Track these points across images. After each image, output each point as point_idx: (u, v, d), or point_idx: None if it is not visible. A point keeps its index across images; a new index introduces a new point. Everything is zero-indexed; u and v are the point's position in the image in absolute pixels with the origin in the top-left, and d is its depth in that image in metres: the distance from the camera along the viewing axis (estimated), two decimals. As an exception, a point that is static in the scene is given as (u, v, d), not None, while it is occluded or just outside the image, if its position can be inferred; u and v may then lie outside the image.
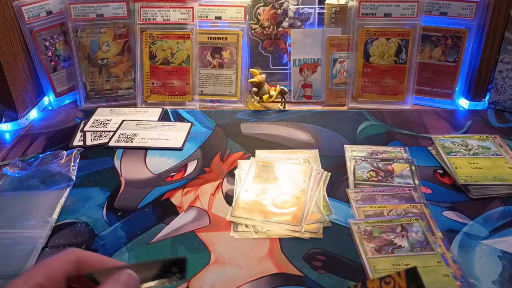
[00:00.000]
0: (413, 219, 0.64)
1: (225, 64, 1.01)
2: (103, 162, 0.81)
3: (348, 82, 1.00)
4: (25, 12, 0.95)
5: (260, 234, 0.64)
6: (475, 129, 0.90)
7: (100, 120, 0.95)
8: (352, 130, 0.90)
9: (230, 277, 0.57)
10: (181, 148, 0.85)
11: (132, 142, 0.87)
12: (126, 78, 1.04)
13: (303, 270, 0.58)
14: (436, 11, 0.96)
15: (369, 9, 0.96)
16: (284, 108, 0.99)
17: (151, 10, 0.99)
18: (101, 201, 0.71)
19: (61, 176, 0.76)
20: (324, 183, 0.73)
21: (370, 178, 0.75)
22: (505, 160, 0.77)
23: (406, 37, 0.96)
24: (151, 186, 0.75)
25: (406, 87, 0.99)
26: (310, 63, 1.01)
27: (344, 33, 0.99)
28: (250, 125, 0.92)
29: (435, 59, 0.98)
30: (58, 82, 1.04)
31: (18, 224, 0.65)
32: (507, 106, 0.96)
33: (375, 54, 0.98)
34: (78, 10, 0.98)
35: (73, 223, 0.67)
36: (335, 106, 1.01)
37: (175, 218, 0.67)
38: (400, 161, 0.78)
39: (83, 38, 1.00)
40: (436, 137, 0.85)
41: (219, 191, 0.73)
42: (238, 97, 1.01)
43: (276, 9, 1.02)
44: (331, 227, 0.65)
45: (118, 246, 0.62)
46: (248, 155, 0.82)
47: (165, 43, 1.00)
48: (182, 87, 1.01)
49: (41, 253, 0.61)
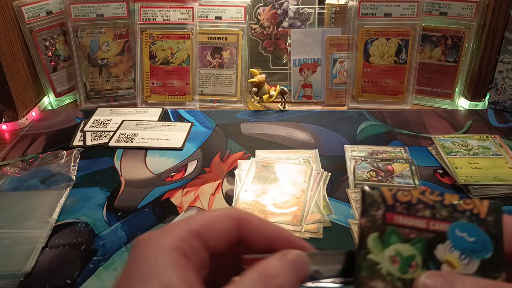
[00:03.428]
0: (413, 219, 0.64)
1: (225, 64, 1.01)
2: (103, 162, 0.81)
3: (348, 82, 1.00)
4: (25, 12, 0.95)
5: (260, 234, 0.63)
6: (475, 129, 0.90)
7: (100, 120, 0.95)
8: (352, 130, 0.90)
9: (230, 277, 0.57)
10: (181, 148, 0.85)
11: (132, 142, 0.87)
12: (126, 78, 1.04)
13: (303, 270, 0.58)
14: (436, 11, 0.96)
15: (369, 9, 0.96)
16: (284, 108, 0.99)
17: (151, 10, 0.99)
18: (101, 201, 0.71)
19: (61, 176, 0.76)
20: (324, 183, 0.73)
21: (370, 178, 0.75)
22: (505, 160, 0.77)
23: (406, 37, 0.96)
24: (151, 186, 0.74)
25: (406, 87, 0.99)
26: (310, 63, 1.01)
27: (344, 33, 0.99)
28: (250, 125, 0.92)
29: (435, 59, 0.98)
30: (58, 82, 1.04)
31: (18, 224, 0.65)
32: (507, 106, 0.96)
33: (375, 54, 0.98)
34: (78, 10, 0.98)
35: (73, 223, 0.67)
36: (335, 106, 1.01)
37: (175, 218, 0.67)
38: (400, 161, 0.78)
39: (83, 38, 1.00)
40: (436, 137, 0.85)
41: (219, 191, 0.73)
42: (238, 97, 1.01)
43: (276, 9, 1.02)
44: (331, 227, 0.65)
45: (118, 246, 0.62)
46: (248, 155, 0.82)
47: (165, 43, 1.00)
48: (182, 87, 1.01)
49: (41, 253, 0.61)
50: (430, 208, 0.27)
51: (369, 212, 0.27)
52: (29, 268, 0.58)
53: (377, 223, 0.27)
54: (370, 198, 0.27)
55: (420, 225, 0.26)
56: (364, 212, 0.27)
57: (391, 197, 0.27)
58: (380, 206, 0.27)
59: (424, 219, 0.26)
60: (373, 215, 0.27)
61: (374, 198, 0.27)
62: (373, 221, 0.27)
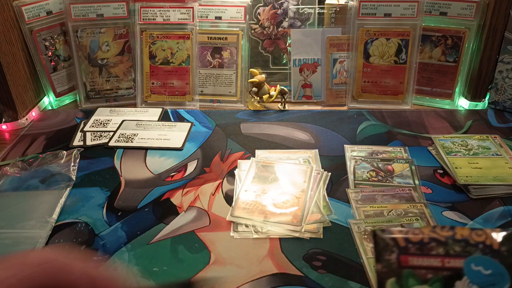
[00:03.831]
0: (413, 219, 0.64)
1: (225, 64, 1.01)
2: (103, 162, 0.81)
3: (348, 82, 1.00)
4: (25, 12, 0.95)
5: (260, 234, 0.64)
6: (475, 129, 0.90)
7: (100, 120, 0.95)
8: (352, 130, 0.90)
9: (230, 277, 0.57)
10: (181, 148, 0.85)
11: (132, 142, 0.87)
12: (126, 78, 1.04)
13: (303, 270, 0.58)
14: (436, 11, 0.96)
15: (369, 9, 0.96)
16: (284, 108, 0.99)
17: (151, 10, 0.99)
18: (101, 201, 0.71)
19: (61, 176, 0.76)
20: (324, 183, 0.73)
21: (370, 178, 0.75)
22: (505, 160, 0.77)
23: (406, 37, 0.96)
24: (151, 186, 0.74)
25: (406, 87, 0.99)
26: (310, 63, 1.01)
27: (344, 33, 0.99)
28: (250, 125, 0.92)
29: (435, 59, 0.98)
30: (58, 82, 1.04)
31: (18, 224, 0.65)
32: (507, 106, 0.96)
33: (375, 54, 0.98)
34: (78, 10, 0.98)
35: (73, 223, 0.67)
36: (335, 106, 1.01)
37: (175, 218, 0.67)
38: (400, 161, 0.78)
39: (83, 38, 1.00)
40: (436, 137, 0.85)
41: (219, 191, 0.73)
42: (238, 97, 1.01)
43: (276, 9, 1.02)
44: (331, 227, 0.65)
45: (118, 246, 0.62)
46: (248, 155, 0.82)
47: (165, 43, 1.00)
48: (182, 87, 1.01)
49: (41, 253, 0.61)
50: (443, 245, 0.27)
51: (383, 257, 0.27)
52: (29, 268, 0.58)
53: (393, 268, 0.27)
54: (382, 242, 0.27)
55: (436, 264, 0.27)
56: (378, 257, 0.27)
57: (402, 239, 0.27)
58: (393, 249, 0.27)
59: (439, 257, 0.27)
60: (388, 260, 0.27)
61: (386, 242, 0.27)
62: (389, 266, 0.27)
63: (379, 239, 0.27)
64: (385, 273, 0.27)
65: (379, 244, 0.27)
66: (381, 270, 0.27)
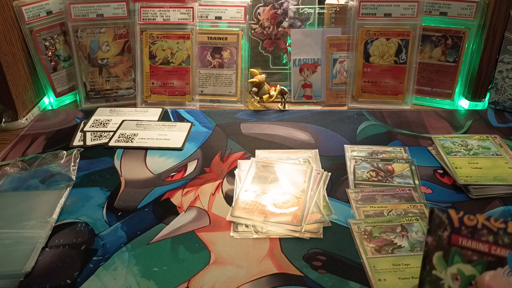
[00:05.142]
0: (413, 219, 0.64)
1: (225, 64, 1.01)
2: (103, 162, 0.81)
3: (348, 82, 1.00)
4: (25, 12, 0.95)
5: (260, 234, 0.64)
6: (475, 129, 0.90)
7: (100, 120, 0.95)
8: (352, 130, 0.90)
9: (230, 277, 0.57)
10: (181, 148, 0.85)
11: (132, 142, 0.87)
12: (126, 78, 1.04)
13: (303, 270, 0.58)
14: (436, 11, 0.96)
15: (369, 9, 0.96)
16: (284, 108, 0.99)
17: (151, 10, 0.99)
18: (101, 201, 0.71)
19: (61, 176, 0.76)
20: (324, 183, 0.73)
21: (370, 178, 0.75)
22: (505, 160, 0.77)
23: (406, 37, 0.96)
24: (151, 186, 0.75)
25: (406, 87, 0.99)
26: (310, 63, 1.01)
27: (344, 33, 0.99)
28: (250, 125, 0.92)
29: (435, 59, 0.98)
30: (58, 82, 1.04)
31: (18, 224, 0.65)
32: (507, 106, 0.96)
33: (375, 54, 0.98)
34: (78, 10, 0.98)
35: (73, 223, 0.67)
36: (335, 106, 1.01)
37: (175, 218, 0.67)
38: (400, 161, 0.78)
39: (83, 38, 1.00)
40: (436, 137, 0.85)
41: (219, 191, 0.73)
42: (238, 97, 1.01)
43: (276, 9, 1.02)
44: (331, 227, 0.65)
45: (118, 246, 0.62)
46: (248, 155, 0.82)
47: (165, 43, 1.00)
48: (182, 87, 1.01)
49: (41, 253, 0.61)
50: (493, 234, 0.29)
51: (436, 232, 0.30)
52: (29, 268, 0.58)
53: (443, 243, 0.29)
54: (438, 219, 0.30)
55: (483, 249, 0.29)
56: (431, 231, 0.30)
57: (457, 220, 0.29)
58: (446, 227, 0.29)
59: (487, 244, 0.29)
60: (440, 235, 0.29)
61: (442, 220, 0.30)
62: (439, 241, 0.29)
63: (436, 216, 0.30)
64: (434, 246, 0.30)
65: (435, 220, 0.30)
66: (431, 242, 0.30)
